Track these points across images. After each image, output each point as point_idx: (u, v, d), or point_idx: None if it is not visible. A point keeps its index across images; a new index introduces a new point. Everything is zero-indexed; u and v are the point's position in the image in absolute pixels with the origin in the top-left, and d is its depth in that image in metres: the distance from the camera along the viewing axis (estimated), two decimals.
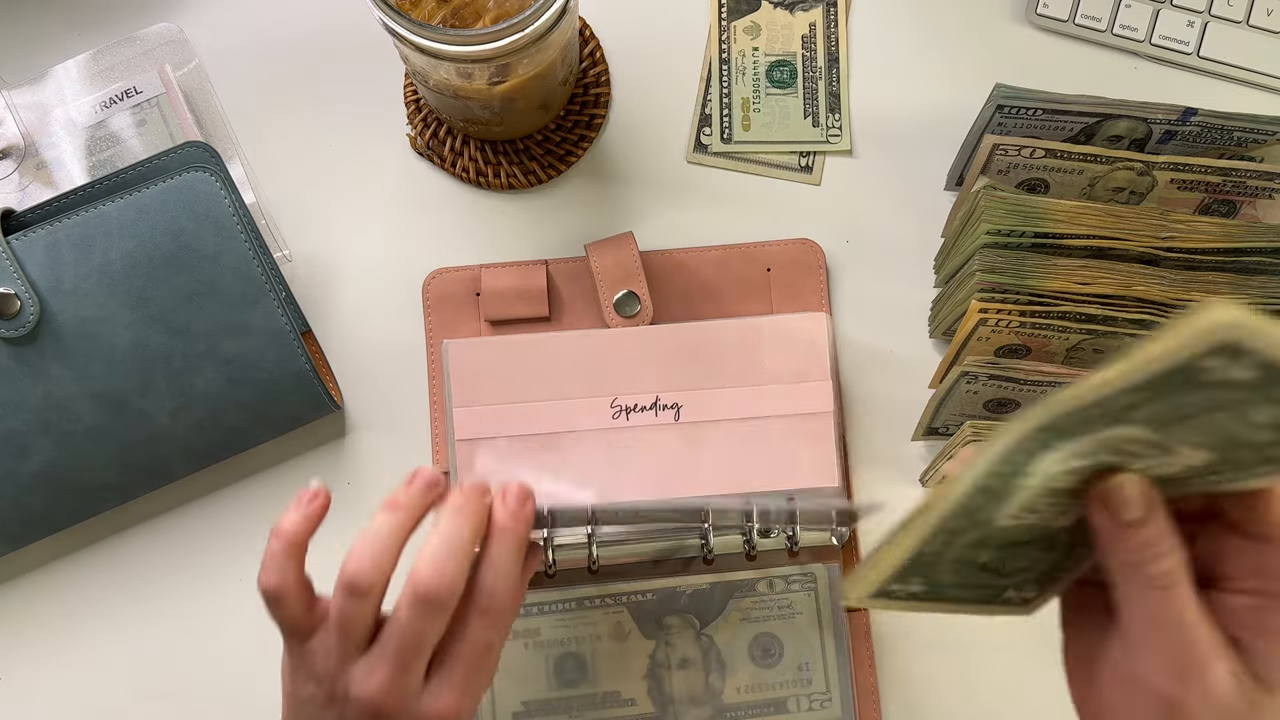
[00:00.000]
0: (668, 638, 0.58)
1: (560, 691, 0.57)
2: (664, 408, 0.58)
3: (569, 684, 0.57)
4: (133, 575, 0.60)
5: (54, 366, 0.55)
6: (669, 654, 0.58)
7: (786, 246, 0.62)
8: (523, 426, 0.58)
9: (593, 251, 0.61)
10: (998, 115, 0.57)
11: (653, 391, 0.58)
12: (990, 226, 0.54)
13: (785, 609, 0.58)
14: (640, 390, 0.58)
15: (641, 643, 0.58)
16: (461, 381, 0.58)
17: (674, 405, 0.58)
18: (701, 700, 0.57)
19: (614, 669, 0.57)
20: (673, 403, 0.58)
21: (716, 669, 0.58)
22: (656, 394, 0.58)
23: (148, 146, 0.62)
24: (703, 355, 0.59)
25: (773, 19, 0.65)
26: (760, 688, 0.58)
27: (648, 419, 0.58)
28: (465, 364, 0.58)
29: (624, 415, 0.58)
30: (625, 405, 0.58)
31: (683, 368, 0.59)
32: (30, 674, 0.60)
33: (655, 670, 0.58)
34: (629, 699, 0.57)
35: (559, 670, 0.57)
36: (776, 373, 0.59)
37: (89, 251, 0.56)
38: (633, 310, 0.60)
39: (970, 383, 0.54)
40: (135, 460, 0.57)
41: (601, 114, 0.64)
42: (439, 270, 0.62)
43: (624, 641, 0.58)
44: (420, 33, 0.50)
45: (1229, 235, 0.54)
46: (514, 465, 0.58)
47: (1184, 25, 0.64)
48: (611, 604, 0.58)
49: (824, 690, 0.58)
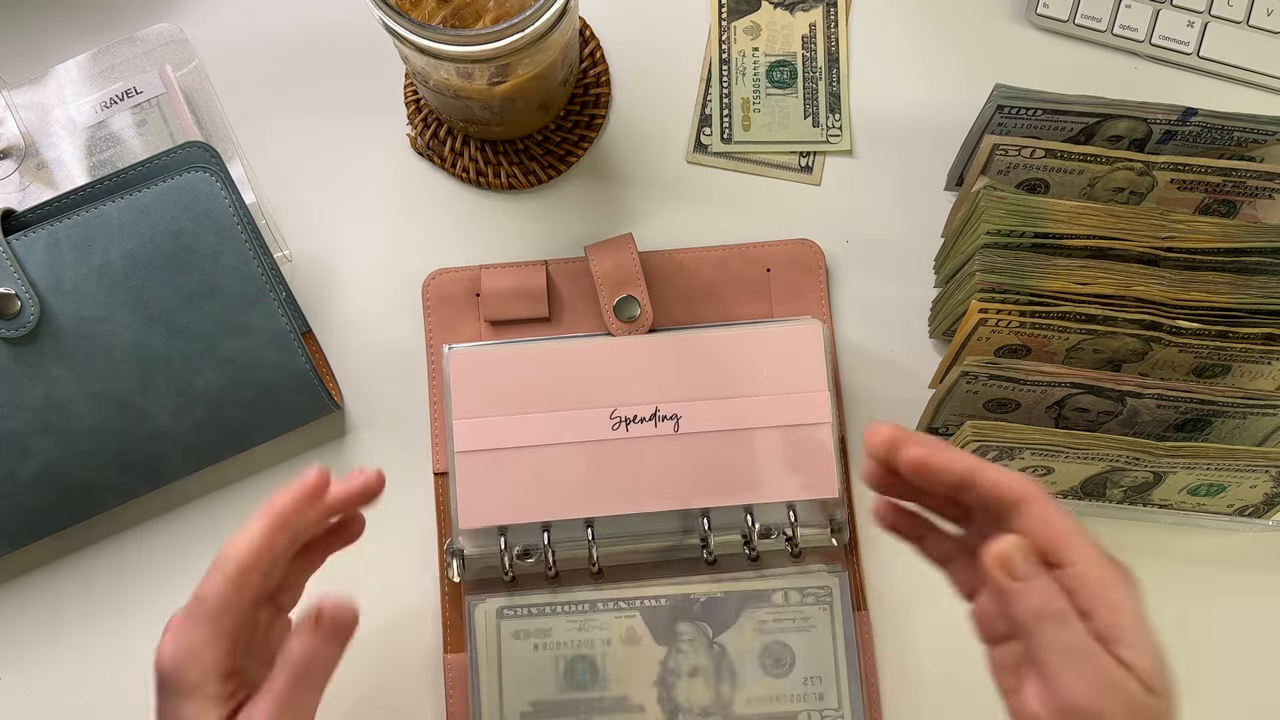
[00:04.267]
0: (680, 645, 0.58)
1: (569, 694, 0.57)
2: (663, 418, 0.58)
3: (579, 686, 0.57)
4: (133, 575, 0.60)
5: (54, 366, 0.55)
6: (680, 661, 0.57)
7: (786, 247, 0.62)
8: (522, 438, 0.58)
9: (592, 254, 0.61)
10: (998, 115, 0.57)
11: (652, 402, 0.58)
12: (990, 226, 0.54)
13: (802, 621, 0.58)
14: (640, 401, 0.58)
15: (653, 649, 0.57)
16: (462, 391, 0.58)
17: (673, 416, 0.58)
18: (711, 710, 0.57)
19: (625, 674, 0.57)
20: (672, 413, 0.58)
21: (727, 679, 0.57)
22: (656, 405, 0.58)
23: (148, 146, 0.62)
24: (702, 366, 0.58)
25: (773, 19, 0.65)
26: (771, 700, 0.57)
27: (647, 430, 0.58)
28: (466, 373, 0.58)
29: (624, 426, 0.58)
30: (625, 416, 0.58)
31: (682, 378, 0.58)
32: (30, 674, 0.60)
33: (666, 677, 0.57)
34: (638, 705, 0.57)
35: (569, 672, 0.57)
36: (775, 383, 0.58)
37: (89, 251, 0.56)
38: (632, 314, 0.60)
39: (970, 383, 0.54)
40: (135, 460, 0.57)
41: (601, 114, 0.64)
42: (439, 271, 0.62)
43: (636, 646, 0.57)
44: (420, 33, 0.50)
45: (1229, 235, 0.54)
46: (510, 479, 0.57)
47: (1184, 25, 0.64)
48: (625, 608, 0.58)
49: (835, 708, 0.57)
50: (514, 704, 0.57)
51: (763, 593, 0.58)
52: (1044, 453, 0.53)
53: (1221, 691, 0.60)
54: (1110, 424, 0.55)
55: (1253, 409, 0.54)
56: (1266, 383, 0.56)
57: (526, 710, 0.57)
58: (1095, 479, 0.56)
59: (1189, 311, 0.54)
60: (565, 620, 0.58)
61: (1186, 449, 0.52)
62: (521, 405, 0.58)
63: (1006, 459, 0.55)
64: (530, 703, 0.57)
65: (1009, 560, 0.41)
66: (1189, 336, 0.53)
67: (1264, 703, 0.60)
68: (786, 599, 0.58)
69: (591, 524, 0.58)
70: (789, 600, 0.58)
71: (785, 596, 0.58)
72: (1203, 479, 0.55)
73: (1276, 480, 0.55)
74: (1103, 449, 0.53)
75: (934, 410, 0.57)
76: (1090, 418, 0.55)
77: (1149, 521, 0.60)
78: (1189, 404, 0.53)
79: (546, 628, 0.57)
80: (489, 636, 0.57)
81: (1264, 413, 0.54)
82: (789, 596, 0.58)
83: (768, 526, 0.58)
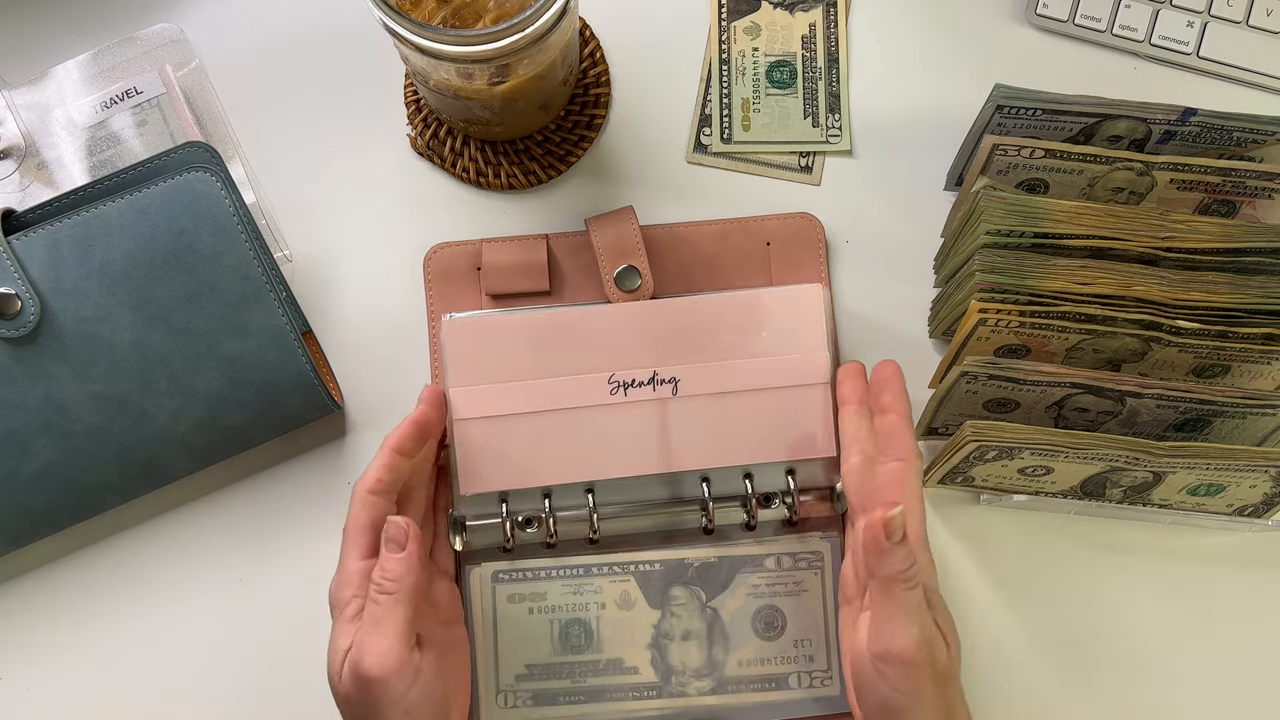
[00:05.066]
0: (673, 608, 0.58)
1: (564, 656, 0.58)
2: (661, 382, 0.58)
3: (574, 649, 0.58)
4: (133, 575, 0.60)
5: (54, 366, 0.55)
6: (674, 625, 0.58)
7: (786, 220, 0.63)
8: (520, 404, 0.58)
9: (593, 226, 0.61)
10: (997, 115, 0.57)
11: (650, 366, 0.58)
12: (990, 226, 0.54)
13: (794, 586, 0.58)
14: (638, 365, 0.58)
15: (647, 612, 0.58)
16: (457, 360, 0.58)
17: (671, 379, 0.58)
18: (704, 673, 0.58)
19: (619, 637, 0.58)
20: (670, 377, 0.58)
21: (720, 642, 0.58)
22: (654, 369, 0.58)
23: (148, 147, 0.62)
24: (700, 330, 0.59)
25: (773, 19, 0.65)
26: (762, 662, 0.58)
27: (645, 394, 0.58)
28: (461, 341, 0.58)
29: (621, 391, 0.58)
30: (623, 380, 0.58)
31: (680, 342, 0.59)
32: (30, 673, 0.60)
33: (659, 640, 0.58)
34: (632, 667, 0.58)
35: (564, 635, 0.58)
36: (774, 345, 0.59)
37: (89, 251, 0.56)
38: (633, 284, 0.60)
39: (970, 383, 0.54)
40: (135, 460, 0.57)
41: (601, 114, 0.64)
42: (440, 245, 0.62)
43: (630, 610, 0.58)
44: (420, 33, 0.50)
45: (1228, 235, 0.54)
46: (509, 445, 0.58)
47: (1184, 25, 0.64)
48: (619, 573, 0.58)
49: (825, 668, 0.58)
50: (509, 666, 0.58)
51: (756, 557, 0.59)
52: (1044, 452, 0.53)
53: (1221, 691, 0.60)
54: (1110, 424, 0.56)
55: (1252, 409, 0.54)
56: (1266, 383, 0.56)
57: (522, 673, 0.58)
58: (1095, 479, 0.56)
59: (1189, 311, 0.54)
60: (560, 584, 0.58)
61: (1186, 449, 0.52)
62: (518, 373, 0.58)
63: (1006, 459, 0.55)
64: (525, 665, 0.58)
65: (897, 526, 0.48)
66: (1189, 336, 0.53)
67: (1264, 702, 0.60)
68: (779, 564, 0.59)
69: (592, 489, 0.58)
70: (781, 565, 0.59)
71: (778, 561, 0.59)
72: (1202, 479, 0.55)
73: (1276, 480, 0.55)
74: (1102, 449, 0.53)
75: (934, 410, 0.57)
76: (1090, 418, 0.55)
77: (1149, 521, 0.60)
78: (1189, 404, 0.53)
79: (541, 591, 0.58)
80: (484, 600, 0.58)
81: (1264, 413, 0.54)
82: (781, 561, 0.59)
83: (767, 494, 0.58)
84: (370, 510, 0.52)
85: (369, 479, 0.52)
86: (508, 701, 0.57)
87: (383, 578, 0.49)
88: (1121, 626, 0.60)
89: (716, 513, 0.58)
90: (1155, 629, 0.60)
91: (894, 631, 0.48)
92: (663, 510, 0.59)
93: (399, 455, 0.53)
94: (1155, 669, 0.60)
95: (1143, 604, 0.60)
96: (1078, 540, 0.61)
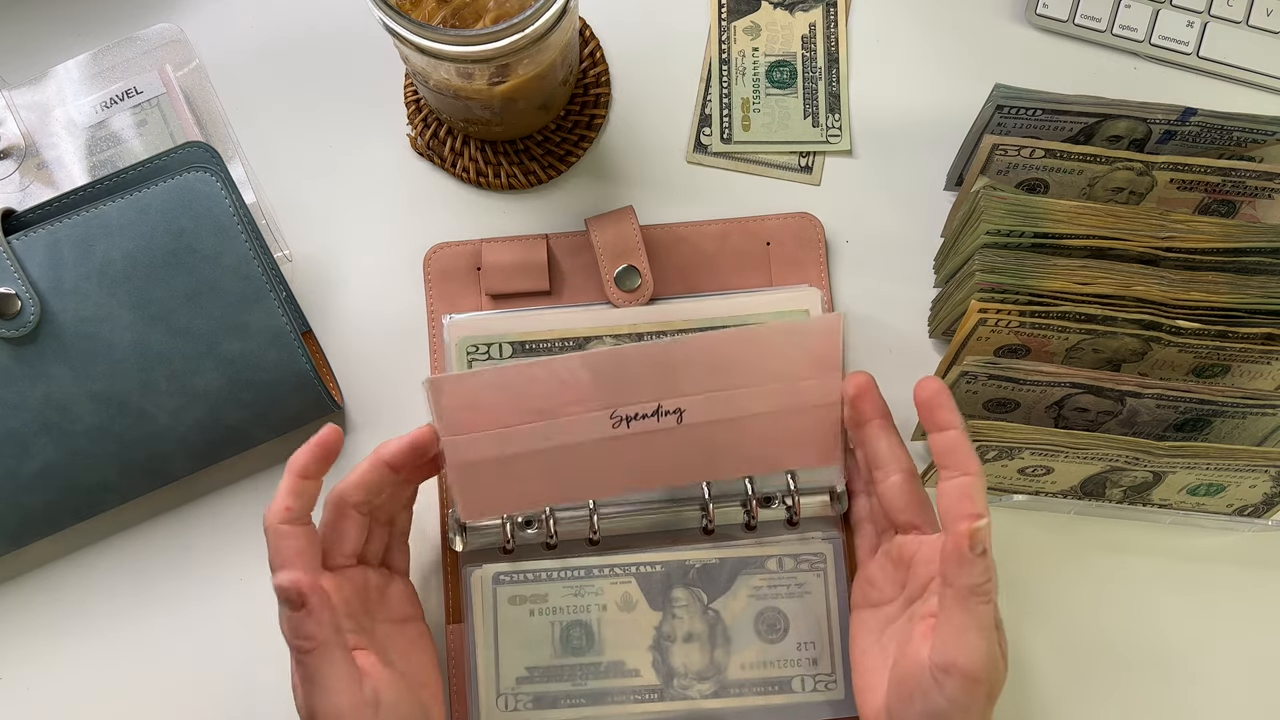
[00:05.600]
0: (674, 610, 0.58)
1: (565, 659, 0.57)
2: (665, 413, 0.56)
3: (574, 652, 0.58)
4: (132, 575, 0.60)
5: (54, 366, 0.55)
6: (675, 627, 0.58)
7: (786, 220, 0.63)
8: (518, 446, 0.55)
9: (593, 226, 0.61)
10: (997, 115, 0.57)
11: (654, 400, 0.56)
12: (990, 226, 0.54)
13: (796, 587, 0.58)
14: (640, 400, 0.55)
15: (648, 614, 0.58)
16: (448, 414, 0.53)
17: (676, 410, 0.56)
18: (706, 675, 0.57)
19: (620, 639, 0.58)
20: (675, 408, 0.56)
21: (722, 644, 0.58)
22: (658, 401, 0.56)
23: (148, 146, 0.62)
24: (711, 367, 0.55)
25: (773, 19, 0.65)
26: (765, 664, 0.58)
27: (649, 425, 0.56)
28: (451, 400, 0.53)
29: (624, 424, 0.56)
30: (625, 415, 0.56)
31: (688, 379, 0.55)
32: (30, 674, 0.60)
33: (661, 642, 0.58)
34: (633, 669, 0.57)
35: (565, 637, 0.58)
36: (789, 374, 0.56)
37: (89, 251, 0.56)
38: (633, 284, 0.60)
39: (970, 383, 0.54)
40: (135, 460, 0.57)
41: (601, 114, 0.64)
42: (440, 245, 0.62)
43: (631, 612, 0.58)
44: (420, 33, 0.50)
45: (1228, 235, 0.54)
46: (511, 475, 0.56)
47: (1184, 25, 0.64)
48: (620, 574, 0.58)
49: (829, 672, 0.58)
50: (510, 669, 0.57)
51: (757, 559, 0.58)
52: (1044, 452, 0.53)
53: (1221, 691, 0.60)
54: (1110, 424, 0.56)
55: (1252, 409, 0.54)
56: (1266, 383, 0.56)
57: (523, 675, 0.57)
58: (1095, 479, 0.56)
59: (1189, 311, 0.54)
60: (561, 586, 0.58)
61: (1186, 449, 0.52)
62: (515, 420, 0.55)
63: (1006, 459, 0.55)
64: (526, 667, 0.57)
65: (983, 536, 0.47)
66: (1189, 336, 0.53)
67: (1264, 702, 0.60)
68: (781, 565, 0.58)
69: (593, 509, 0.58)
70: (783, 566, 0.58)
71: (780, 563, 0.58)
72: (1202, 479, 0.55)
73: (1276, 480, 0.55)
74: (1102, 449, 0.53)
75: None
76: (1090, 417, 0.55)
77: (1149, 521, 0.60)
78: (1189, 404, 0.53)
79: (543, 593, 0.58)
80: (485, 602, 0.58)
81: (1263, 413, 0.54)
82: (783, 563, 0.58)
83: (768, 495, 0.58)
84: (288, 540, 0.48)
85: (278, 509, 0.49)
86: (508, 704, 0.57)
87: (295, 639, 0.47)
88: (1121, 626, 0.60)
89: (716, 512, 0.58)
90: (1155, 629, 0.60)
91: (962, 644, 0.47)
92: (662, 509, 0.59)
93: (305, 480, 0.50)
94: (1154, 669, 0.60)
95: (1143, 604, 0.60)
96: (1077, 540, 0.61)
